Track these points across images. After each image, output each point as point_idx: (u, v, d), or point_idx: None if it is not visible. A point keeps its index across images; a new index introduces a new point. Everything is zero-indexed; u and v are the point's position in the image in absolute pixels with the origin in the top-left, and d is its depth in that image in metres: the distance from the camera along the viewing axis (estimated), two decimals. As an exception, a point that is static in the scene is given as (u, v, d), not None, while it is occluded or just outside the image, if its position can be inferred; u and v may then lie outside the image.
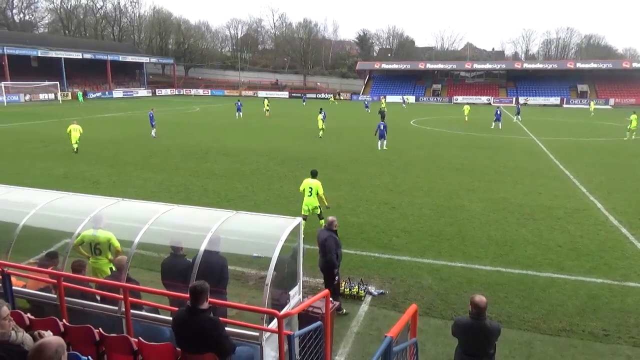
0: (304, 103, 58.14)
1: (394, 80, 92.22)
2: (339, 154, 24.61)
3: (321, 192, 11.94)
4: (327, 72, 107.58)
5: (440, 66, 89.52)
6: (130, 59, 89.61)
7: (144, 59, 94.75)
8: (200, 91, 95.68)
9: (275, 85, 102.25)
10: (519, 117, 45.51)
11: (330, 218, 8.43)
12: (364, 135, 32.81)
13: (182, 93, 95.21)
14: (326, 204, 12.12)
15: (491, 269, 10.24)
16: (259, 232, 7.01)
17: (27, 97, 67.18)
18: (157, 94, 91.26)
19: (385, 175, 19.71)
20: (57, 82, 70.39)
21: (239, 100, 48.25)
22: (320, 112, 32.67)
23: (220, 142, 28.58)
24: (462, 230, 12.67)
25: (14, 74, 68.33)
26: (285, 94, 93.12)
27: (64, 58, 75.14)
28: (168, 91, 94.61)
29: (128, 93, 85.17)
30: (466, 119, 45.23)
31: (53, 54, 74.14)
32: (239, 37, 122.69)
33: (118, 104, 62.36)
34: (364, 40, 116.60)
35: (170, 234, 7.17)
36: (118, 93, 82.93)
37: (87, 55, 79.83)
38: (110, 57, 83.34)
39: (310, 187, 11.90)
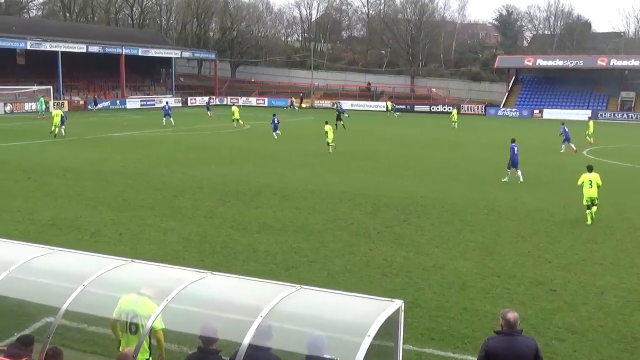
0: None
1: (557, 85, 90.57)
2: (464, 200, 24.25)
3: (600, 183, 20.44)
4: (448, 72, 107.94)
5: (634, 63, 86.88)
6: (154, 52, 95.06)
7: (173, 53, 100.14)
8: (253, 100, 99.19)
9: (367, 91, 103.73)
10: None
11: (511, 315, 7.76)
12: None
13: (225, 102, 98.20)
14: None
15: None
16: (334, 320, 6.97)
17: (8, 107, 72.83)
18: (189, 103, 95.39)
19: (541, 235, 19.25)
20: (50, 87, 75.66)
21: (167, 103, 62.04)
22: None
23: (278, 176, 29.22)
24: (673, 334, 11.99)
25: (-8, 75, 74.48)
26: (381, 105, 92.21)
27: (62, 52, 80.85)
28: (206, 99, 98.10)
29: (149, 102, 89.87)
30: (590, 141, 46.75)
31: (47, 46, 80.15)
32: (313, 19, 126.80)
33: (132, 118, 65.79)
34: (507, 23, 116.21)
35: (199, 316, 7.31)
36: (134, 102, 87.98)
37: (94, 48, 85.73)
38: (125, 51, 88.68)
39: (590, 180, 20.33)
